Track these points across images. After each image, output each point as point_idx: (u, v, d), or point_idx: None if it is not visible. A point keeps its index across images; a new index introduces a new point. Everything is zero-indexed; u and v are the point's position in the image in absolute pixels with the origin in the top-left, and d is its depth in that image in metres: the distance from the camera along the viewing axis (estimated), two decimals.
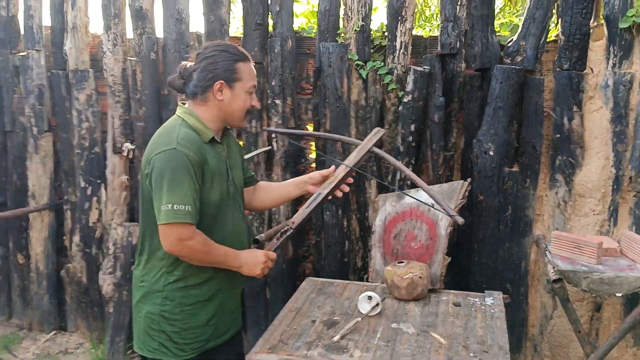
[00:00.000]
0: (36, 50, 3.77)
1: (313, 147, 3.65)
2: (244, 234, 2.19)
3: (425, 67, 3.19)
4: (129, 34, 3.67)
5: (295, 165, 3.54)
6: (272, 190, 2.39)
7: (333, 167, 2.33)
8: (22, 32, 3.84)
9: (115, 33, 3.62)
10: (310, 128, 3.65)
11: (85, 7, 3.73)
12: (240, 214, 2.17)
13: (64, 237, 3.96)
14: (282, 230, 2.19)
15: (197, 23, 3.55)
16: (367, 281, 3.00)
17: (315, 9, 4.38)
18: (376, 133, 2.50)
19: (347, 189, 2.34)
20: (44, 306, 3.99)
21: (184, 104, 2.08)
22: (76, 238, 3.83)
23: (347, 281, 2.94)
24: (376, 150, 2.45)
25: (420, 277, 2.59)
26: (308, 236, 3.68)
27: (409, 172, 2.37)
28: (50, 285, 3.98)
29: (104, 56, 3.65)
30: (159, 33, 3.64)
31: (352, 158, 2.38)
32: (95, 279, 3.83)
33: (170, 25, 3.54)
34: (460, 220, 2.15)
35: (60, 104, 3.80)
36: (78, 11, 3.68)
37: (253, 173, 2.41)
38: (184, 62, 2.09)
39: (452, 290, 2.74)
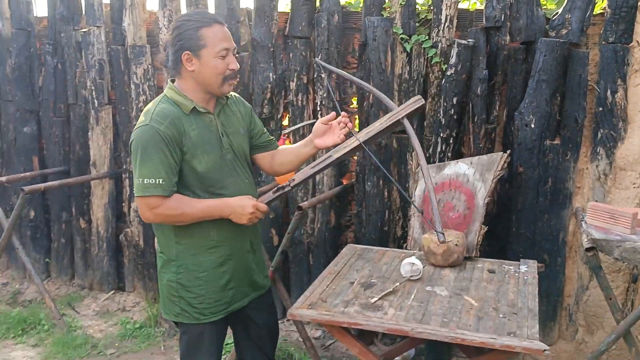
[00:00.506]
0: (97, 26, 3.99)
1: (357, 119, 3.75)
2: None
3: (470, 40, 3.22)
4: (183, 10, 3.83)
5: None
6: (289, 153, 2.32)
7: (333, 113, 2.18)
8: (83, 9, 4.06)
9: (170, 10, 3.78)
10: (354, 102, 3.75)
11: None
12: (245, 179, 2.19)
13: (123, 204, 4.21)
14: (280, 186, 2.16)
15: None
16: (406, 249, 3.08)
17: None
18: (415, 102, 2.24)
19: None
20: (104, 268, 4.26)
21: (170, 79, 2.13)
22: (134, 205, 4.06)
23: (386, 248, 3.04)
24: (406, 123, 2.22)
25: (456, 244, 2.66)
26: (350, 206, 3.79)
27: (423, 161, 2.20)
28: (109, 248, 4.24)
29: (160, 32, 3.83)
30: (212, 9, 3.78)
31: (377, 125, 2.21)
32: (151, 242, 4.06)
33: (221, 1, 3.68)
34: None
35: (119, 78, 4.02)
36: None
37: (271, 137, 2.36)
38: (166, 37, 2.14)
39: (488, 259, 2.80)
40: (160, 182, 1.95)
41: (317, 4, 3.62)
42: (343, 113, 2.18)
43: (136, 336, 3.74)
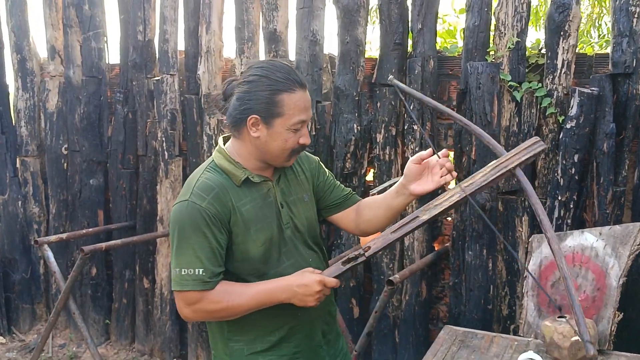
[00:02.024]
0: (170, 74, 3.77)
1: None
2: None
3: (593, 88, 2.76)
4: (262, 57, 3.56)
5: (433, 195, 3.20)
6: (376, 207, 1.84)
7: (430, 149, 1.72)
8: (157, 56, 3.86)
9: (248, 57, 3.53)
10: (450, 156, 3.32)
11: (220, 31, 3.69)
12: (310, 258, 1.79)
13: None
14: (351, 256, 1.68)
15: (331, 44, 3.43)
16: (516, 334, 2.62)
17: (453, 28, 4.10)
18: (532, 146, 1.70)
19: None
20: (166, 333, 3.92)
21: (224, 135, 1.80)
22: None
23: (494, 333, 2.56)
24: (519, 174, 1.68)
25: None
26: (443, 275, 3.32)
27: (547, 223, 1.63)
28: (173, 311, 3.90)
29: None
30: (292, 56, 3.50)
31: (480, 176, 1.70)
32: None
33: (303, 47, 3.38)
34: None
35: (191, 128, 3.76)
36: (212, 35, 3.63)
37: (348, 190, 1.94)
38: (231, 78, 1.74)
39: (624, 353, 2.29)
40: (200, 272, 1.58)
41: (409, 48, 3.27)
42: (444, 151, 1.73)
43: None
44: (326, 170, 1.94)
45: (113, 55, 4.12)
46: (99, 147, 4.08)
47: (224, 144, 1.75)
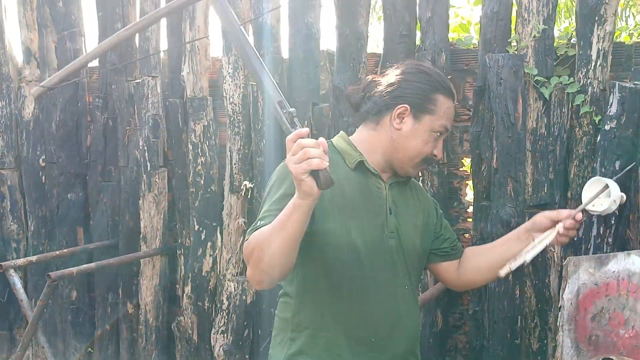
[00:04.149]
0: (152, 76, 3.40)
1: (470, 186, 2.91)
2: (406, 322, 1.58)
3: (636, 82, 2.34)
4: None
5: (446, 209, 2.79)
6: (486, 254, 1.79)
7: (567, 211, 1.68)
8: (138, 55, 3.49)
9: (236, 55, 3.14)
10: (465, 163, 2.92)
11: (205, 27, 3.31)
12: (405, 285, 1.62)
13: (177, 286, 3.50)
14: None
15: (328, 39, 3.05)
16: None
17: (466, 22, 3.71)
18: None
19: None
20: None
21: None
22: (188, 288, 3.34)
23: None
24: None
25: None
26: (462, 300, 2.90)
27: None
28: (159, 340, 3.52)
29: (224, 82, 3.18)
30: (285, 52, 3.11)
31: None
32: (207, 337, 3.31)
33: (297, 43, 2.99)
34: None
35: (176, 136, 3.39)
36: (196, 31, 3.25)
37: (458, 243, 1.85)
38: (373, 75, 1.72)
39: None
40: (260, 223, 1.46)
41: (417, 41, 2.86)
42: (579, 215, 1.67)
43: None
44: (444, 218, 1.86)
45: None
46: (77, 158, 3.70)
47: None
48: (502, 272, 1.68)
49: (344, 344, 1.52)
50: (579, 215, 1.67)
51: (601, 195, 1.77)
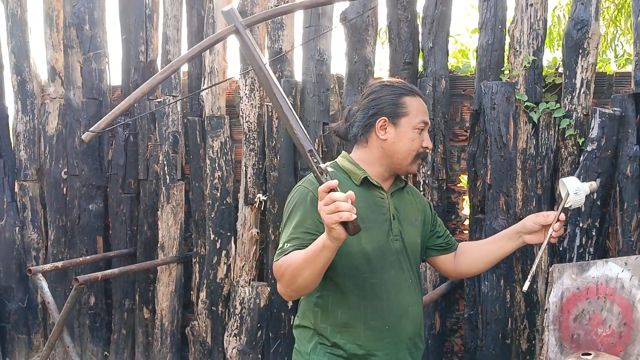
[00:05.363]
0: (172, 96, 3.66)
1: (466, 201, 3.17)
2: (412, 310, 1.79)
3: (615, 108, 2.61)
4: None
5: (445, 222, 3.05)
6: (480, 249, 2.01)
7: (551, 213, 1.88)
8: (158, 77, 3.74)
9: (252, 77, 3.40)
10: (462, 180, 3.18)
11: (224, 52, 3.58)
12: (410, 278, 1.83)
13: (191, 292, 3.73)
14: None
15: (338, 64, 3.30)
16: None
17: (465, 48, 3.98)
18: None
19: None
20: None
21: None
22: (202, 294, 3.57)
23: None
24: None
25: None
26: (458, 305, 3.15)
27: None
28: (173, 343, 3.73)
29: (240, 102, 3.44)
30: (298, 76, 3.37)
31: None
32: (220, 340, 3.53)
33: (310, 67, 3.26)
34: None
35: (194, 151, 3.63)
36: (216, 55, 3.52)
37: (452, 237, 2.07)
38: (349, 106, 1.94)
39: None
40: (287, 246, 1.67)
41: (420, 68, 3.14)
42: (562, 217, 1.87)
43: None
44: (437, 215, 2.06)
45: (114, 76, 4.01)
46: (98, 171, 3.95)
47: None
48: (525, 287, 1.95)
49: (362, 335, 1.75)
50: (563, 216, 1.85)
51: (569, 192, 1.96)
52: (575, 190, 1.84)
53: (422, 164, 1.81)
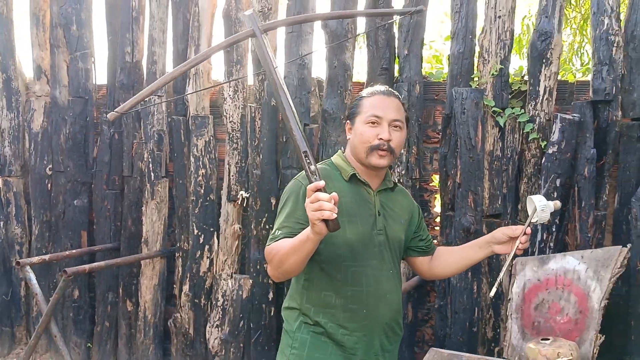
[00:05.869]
0: (158, 96, 3.78)
1: (438, 199, 3.36)
2: (390, 297, 1.95)
3: (575, 114, 2.83)
4: (250, 79, 3.59)
5: None
6: (453, 254, 2.16)
7: (519, 227, 1.99)
8: (145, 77, 3.88)
9: (236, 79, 3.55)
10: (435, 179, 3.37)
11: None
12: (391, 269, 1.97)
13: (174, 286, 3.86)
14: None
15: (319, 68, 3.46)
16: (500, 356, 2.67)
17: (439, 54, 4.18)
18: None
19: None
20: (149, 357, 3.86)
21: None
22: (186, 287, 3.70)
23: (478, 356, 2.58)
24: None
25: (570, 358, 2.24)
26: (429, 298, 3.34)
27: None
28: (156, 335, 3.86)
29: (224, 102, 3.59)
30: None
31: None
32: (202, 331, 3.67)
33: (292, 71, 3.42)
34: None
35: (178, 149, 3.76)
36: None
37: (432, 242, 2.20)
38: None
39: None
40: (277, 232, 1.86)
41: (396, 73, 3.33)
42: (529, 230, 1.97)
43: None
44: (423, 220, 2.20)
45: (100, 76, 4.12)
46: (83, 167, 4.05)
47: None
48: (492, 293, 2.06)
49: (341, 316, 1.92)
50: (529, 230, 1.96)
51: (536, 208, 2.16)
52: (542, 207, 1.97)
53: (384, 156, 1.88)
